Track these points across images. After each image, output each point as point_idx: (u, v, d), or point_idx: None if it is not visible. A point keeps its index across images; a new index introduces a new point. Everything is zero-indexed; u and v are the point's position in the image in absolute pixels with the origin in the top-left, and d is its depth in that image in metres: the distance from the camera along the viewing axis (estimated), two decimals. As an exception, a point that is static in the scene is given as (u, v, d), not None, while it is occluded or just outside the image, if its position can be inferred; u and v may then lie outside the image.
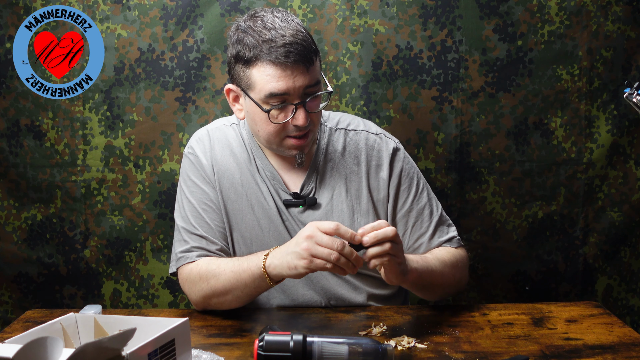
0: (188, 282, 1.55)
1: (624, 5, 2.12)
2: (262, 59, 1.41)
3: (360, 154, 1.62)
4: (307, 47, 1.43)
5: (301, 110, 1.44)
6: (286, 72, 1.41)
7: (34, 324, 1.45)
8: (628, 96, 1.43)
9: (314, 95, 1.46)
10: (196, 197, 1.59)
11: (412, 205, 1.62)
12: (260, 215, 1.58)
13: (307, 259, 1.31)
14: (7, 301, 2.24)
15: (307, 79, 1.43)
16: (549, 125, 2.18)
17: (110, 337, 0.98)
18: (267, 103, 1.44)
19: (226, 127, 1.64)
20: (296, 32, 1.42)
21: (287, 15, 1.46)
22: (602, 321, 1.49)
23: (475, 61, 2.14)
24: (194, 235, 1.57)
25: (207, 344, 1.37)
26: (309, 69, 1.43)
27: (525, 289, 2.25)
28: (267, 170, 1.59)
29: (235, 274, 1.45)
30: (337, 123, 1.65)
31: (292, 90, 1.42)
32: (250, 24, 1.45)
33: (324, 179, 1.60)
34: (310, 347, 1.16)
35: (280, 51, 1.40)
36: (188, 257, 1.55)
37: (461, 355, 1.30)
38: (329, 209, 1.59)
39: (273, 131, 1.48)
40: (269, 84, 1.42)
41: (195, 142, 1.63)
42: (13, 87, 2.14)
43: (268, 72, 1.42)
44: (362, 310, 1.58)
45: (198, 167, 1.60)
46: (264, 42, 1.41)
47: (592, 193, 2.22)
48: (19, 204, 2.20)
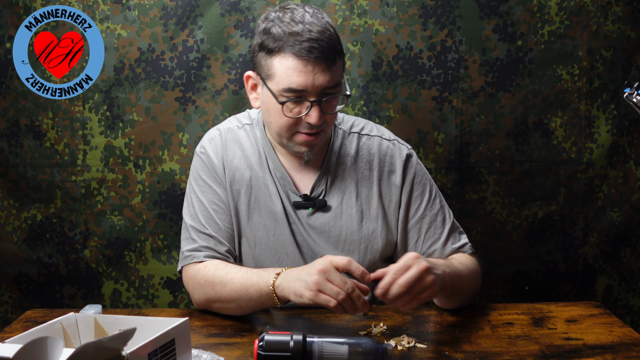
0: (193, 282, 1.54)
1: (624, 5, 2.12)
2: (285, 50, 1.41)
3: (372, 160, 1.61)
4: (332, 46, 1.42)
5: (316, 109, 1.43)
6: (307, 68, 1.40)
7: (34, 324, 1.45)
8: (628, 96, 1.43)
9: (331, 96, 1.45)
10: (207, 197, 1.59)
11: (425, 212, 1.61)
12: (266, 218, 1.57)
13: (314, 291, 1.29)
14: (7, 301, 2.24)
15: (327, 78, 1.42)
16: (549, 125, 2.18)
17: (110, 337, 0.98)
18: (283, 95, 1.44)
19: (238, 128, 1.63)
20: (324, 29, 1.41)
21: (318, 12, 1.45)
22: (602, 321, 1.49)
23: (475, 61, 2.14)
24: (203, 235, 1.56)
25: (207, 343, 1.37)
26: (330, 69, 1.42)
27: (525, 289, 2.25)
28: (278, 170, 1.58)
29: (243, 286, 1.44)
30: (350, 126, 1.64)
31: (311, 88, 1.41)
32: (280, 15, 1.44)
33: (335, 182, 1.59)
34: (310, 347, 1.16)
35: (305, 45, 1.39)
36: (195, 256, 1.54)
37: (461, 355, 1.30)
38: (338, 213, 1.58)
39: (285, 124, 1.47)
40: (288, 77, 1.41)
41: (208, 141, 1.63)
42: (13, 87, 2.14)
43: (289, 65, 1.41)
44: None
45: (210, 166, 1.60)
46: (291, 34, 1.40)
47: (592, 193, 2.22)
48: (19, 204, 2.20)
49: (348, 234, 1.57)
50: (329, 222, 1.57)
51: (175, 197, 2.17)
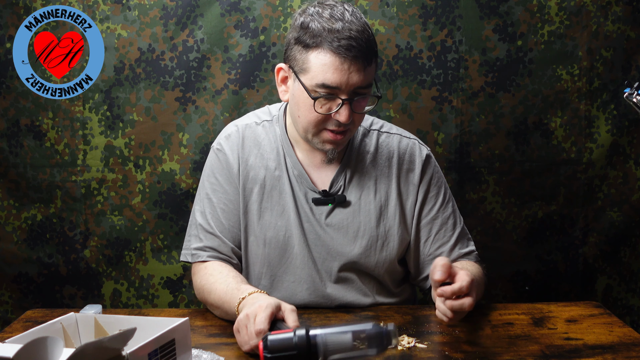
0: (194, 279, 1.61)
1: (624, 5, 2.12)
2: (323, 46, 1.40)
3: (392, 157, 1.61)
4: (369, 46, 1.42)
5: (346, 107, 1.43)
6: (343, 66, 1.40)
7: (34, 324, 1.45)
8: (628, 96, 1.43)
9: (363, 96, 1.45)
10: (217, 195, 1.60)
11: (437, 214, 1.62)
12: (277, 218, 1.58)
13: (235, 331, 1.32)
14: (7, 301, 2.24)
15: (362, 78, 1.42)
16: (548, 125, 2.18)
17: (110, 337, 0.98)
18: (316, 91, 1.44)
19: (256, 125, 1.63)
20: (363, 29, 1.41)
21: (357, 12, 1.45)
22: (602, 321, 1.49)
23: (475, 61, 2.14)
24: (209, 234, 1.59)
25: (207, 343, 1.37)
26: (366, 69, 1.42)
27: (525, 289, 2.25)
28: (295, 168, 1.59)
29: (220, 300, 1.47)
30: (370, 124, 1.64)
31: (344, 86, 1.41)
32: (319, 10, 1.43)
33: (354, 178, 1.59)
34: (315, 340, 1.16)
35: (344, 43, 1.39)
36: (200, 255, 1.59)
37: (461, 355, 1.30)
38: (356, 209, 1.58)
39: (314, 120, 1.47)
40: (323, 73, 1.41)
41: (225, 138, 1.63)
42: (13, 87, 2.14)
43: (326, 61, 1.41)
44: (362, 310, 1.58)
45: (224, 164, 1.60)
46: (330, 30, 1.40)
47: (592, 193, 2.22)
48: (19, 204, 2.20)
49: (366, 230, 1.58)
50: (347, 217, 1.58)
51: (175, 197, 2.17)
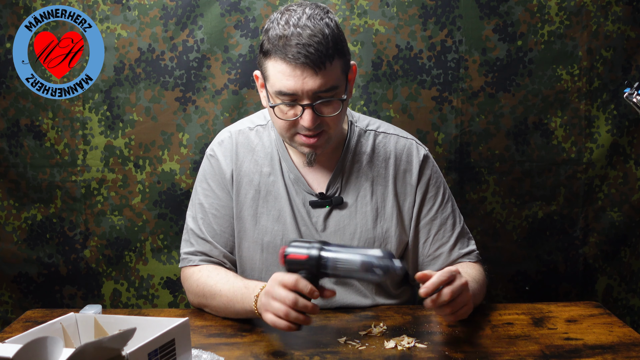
0: (187, 284, 1.60)
1: (624, 5, 2.12)
2: (277, 54, 1.40)
3: (389, 158, 1.61)
4: (320, 51, 1.38)
5: (308, 112, 1.42)
6: (295, 72, 1.39)
7: (34, 324, 1.45)
8: (628, 96, 1.43)
9: (325, 100, 1.43)
10: (209, 201, 1.60)
11: (436, 214, 1.61)
12: (274, 222, 1.58)
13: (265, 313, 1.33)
14: (7, 301, 2.24)
15: (317, 83, 1.40)
16: (548, 125, 2.18)
17: (110, 337, 0.98)
18: (277, 98, 1.44)
19: (249, 130, 1.62)
20: (315, 33, 1.38)
21: (318, 13, 1.42)
22: (602, 321, 1.49)
23: (475, 61, 2.14)
24: (200, 239, 1.59)
25: (207, 343, 1.37)
26: (319, 73, 1.40)
27: (525, 289, 2.25)
28: (291, 172, 1.58)
29: (230, 301, 1.46)
30: (367, 125, 1.64)
31: (301, 92, 1.41)
32: (279, 17, 1.43)
33: (350, 180, 1.59)
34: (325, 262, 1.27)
35: (292, 50, 1.38)
36: (191, 260, 1.59)
37: (461, 355, 1.30)
38: (352, 211, 1.58)
39: (283, 125, 1.47)
40: (279, 80, 1.41)
41: (218, 144, 1.62)
42: (13, 87, 2.14)
43: (279, 68, 1.41)
44: (362, 310, 1.58)
45: (217, 170, 1.60)
46: (281, 37, 1.40)
47: (592, 193, 2.22)
48: (19, 204, 2.20)
49: (363, 232, 1.58)
50: (343, 219, 1.58)
51: (175, 197, 2.17)
